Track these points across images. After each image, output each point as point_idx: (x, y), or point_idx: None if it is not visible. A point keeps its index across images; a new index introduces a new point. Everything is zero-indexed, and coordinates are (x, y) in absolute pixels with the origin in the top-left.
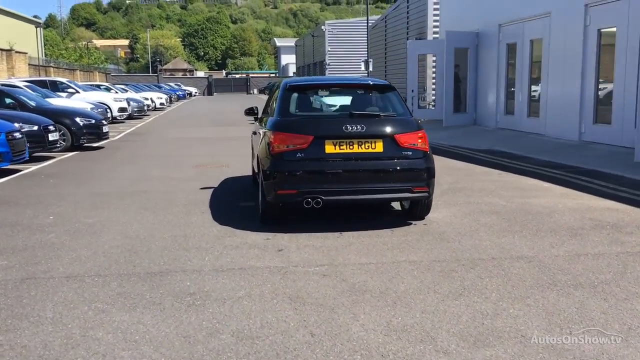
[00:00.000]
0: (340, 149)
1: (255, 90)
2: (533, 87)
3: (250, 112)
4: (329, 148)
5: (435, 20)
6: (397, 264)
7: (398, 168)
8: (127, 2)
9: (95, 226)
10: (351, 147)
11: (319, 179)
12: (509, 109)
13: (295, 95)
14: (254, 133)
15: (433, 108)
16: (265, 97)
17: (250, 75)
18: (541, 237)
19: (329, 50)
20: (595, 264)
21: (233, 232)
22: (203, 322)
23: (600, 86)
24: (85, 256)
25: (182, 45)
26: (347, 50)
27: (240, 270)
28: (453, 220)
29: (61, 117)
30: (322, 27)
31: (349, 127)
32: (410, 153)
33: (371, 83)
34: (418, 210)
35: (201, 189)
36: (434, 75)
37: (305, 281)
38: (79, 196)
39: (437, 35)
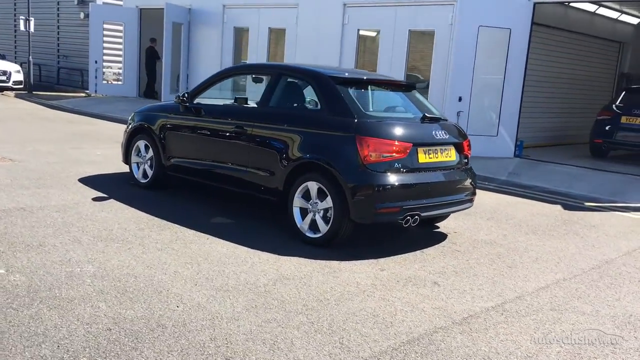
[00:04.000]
0: (429, 157)
1: None
2: None
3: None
4: (422, 157)
5: None
6: (566, 282)
7: (466, 177)
8: None
9: (123, 279)
10: (436, 155)
11: (418, 193)
12: None
13: (353, 92)
14: (177, 125)
15: (119, 83)
16: None
17: None
18: (559, 237)
19: None
20: None
21: (325, 265)
22: None
23: None
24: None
25: None
26: None
27: (479, 320)
28: (461, 225)
29: None
30: None
31: (437, 133)
32: (466, 160)
33: (407, 81)
34: (441, 218)
35: (95, 199)
36: (110, 46)
37: (572, 324)
38: None
39: (116, 2)
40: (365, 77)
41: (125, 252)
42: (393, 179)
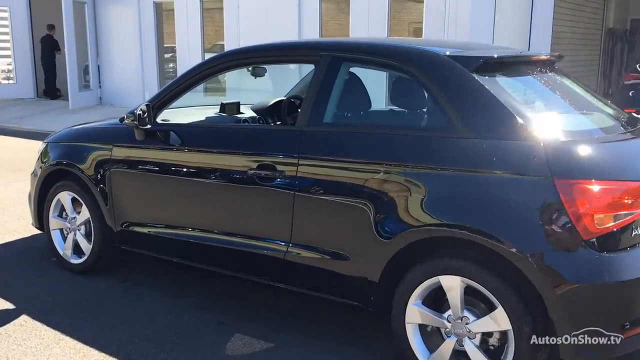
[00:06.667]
0: None
1: None
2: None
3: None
4: None
5: None
6: None
7: None
8: None
9: None
10: None
11: None
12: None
13: (505, 85)
14: (136, 162)
15: (11, 83)
16: None
17: None
18: None
19: None
20: None
21: None
22: None
23: None
24: None
25: None
26: None
27: None
28: None
29: None
30: None
31: None
32: None
33: (556, 55)
34: None
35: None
36: None
37: None
38: None
39: None
40: (497, 55)
41: None
42: (637, 264)
